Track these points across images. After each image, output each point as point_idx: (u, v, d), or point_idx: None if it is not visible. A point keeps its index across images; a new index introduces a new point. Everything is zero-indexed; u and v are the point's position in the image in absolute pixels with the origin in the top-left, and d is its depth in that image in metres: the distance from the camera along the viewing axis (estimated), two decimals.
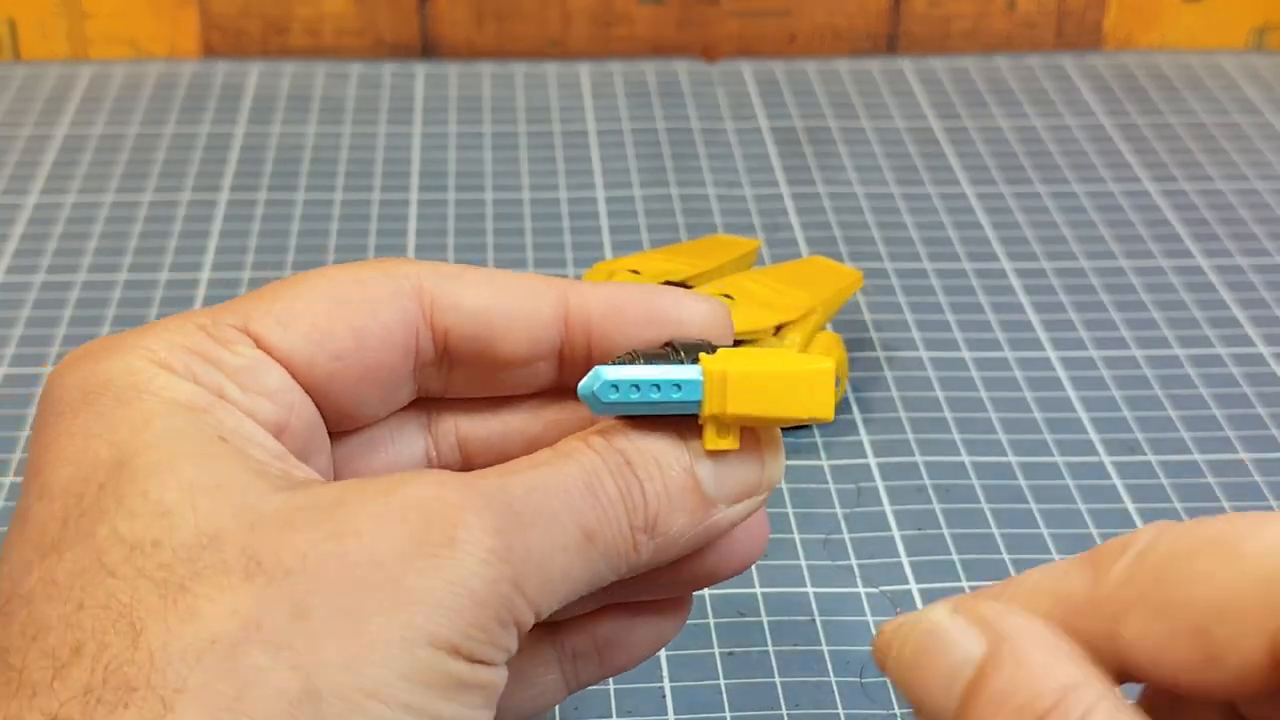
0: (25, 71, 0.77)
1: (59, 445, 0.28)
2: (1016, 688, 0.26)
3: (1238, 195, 0.68)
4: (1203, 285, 0.61)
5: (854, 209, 0.66)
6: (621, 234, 0.64)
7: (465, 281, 0.32)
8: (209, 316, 0.30)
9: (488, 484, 0.28)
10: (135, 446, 0.27)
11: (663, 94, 0.76)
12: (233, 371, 0.29)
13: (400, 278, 0.31)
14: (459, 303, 0.32)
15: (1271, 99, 0.76)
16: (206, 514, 0.26)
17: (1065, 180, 0.69)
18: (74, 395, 0.29)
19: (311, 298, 0.31)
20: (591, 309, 0.32)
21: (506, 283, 0.32)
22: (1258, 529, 0.26)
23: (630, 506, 0.30)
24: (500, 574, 0.27)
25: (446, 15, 0.79)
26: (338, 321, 0.31)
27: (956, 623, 0.27)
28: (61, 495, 0.27)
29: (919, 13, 0.80)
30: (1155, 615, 0.26)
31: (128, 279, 0.60)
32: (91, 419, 0.28)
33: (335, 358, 0.31)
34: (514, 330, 0.32)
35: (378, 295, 0.31)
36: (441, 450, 0.34)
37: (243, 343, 0.30)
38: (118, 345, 0.30)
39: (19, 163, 0.69)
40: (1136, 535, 0.27)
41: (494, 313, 0.32)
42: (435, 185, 0.68)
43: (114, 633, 0.25)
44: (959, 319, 0.58)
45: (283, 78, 0.76)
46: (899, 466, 0.50)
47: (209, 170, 0.68)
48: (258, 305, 0.31)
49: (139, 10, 0.78)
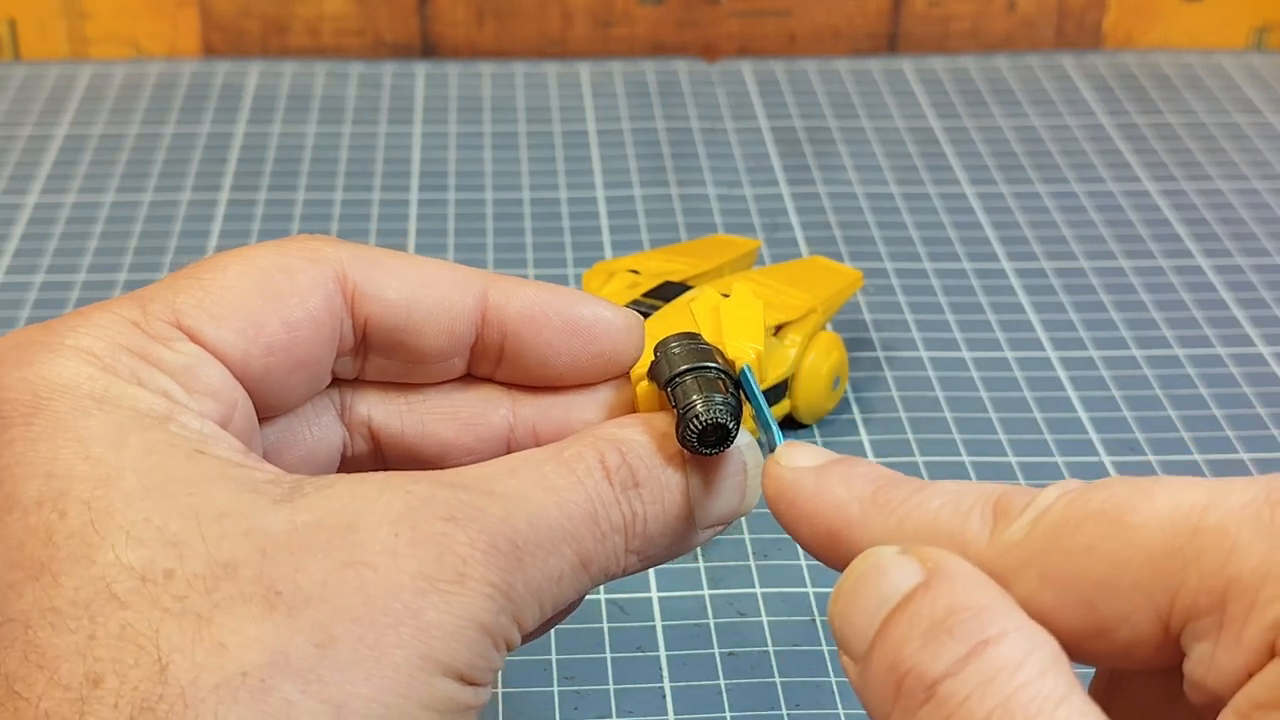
0: (25, 71, 0.77)
1: (18, 451, 0.27)
2: (936, 604, 0.25)
3: (1238, 195, 0.68)
4: (1203, 285, 0.61)
5: (854, 209, 0.66)
6: (621, 234, 0.64)
7: (388, 270, 0.32)
8: (136, 308, 0.29)
9: (493, 516, 0.28)
10: (117, 464, 0.27)
11: (663, 94, 0.76)
12: (174, 371, 0.29)
13: (323, 263, 0.31)
14: (381, 293, 0.31)
15: (1271, 99, 0.76)
16: (216, 542, 0.26)
17: (1065, 180, 0.69)
18: (20, 396, 0.28)
19: (241, 289, 0.30)
20: (510, 311, 0.32)
21: (429, 274, 0.32)
22: (1144, 499, 0.25)
23: (630, 534, 0.30)
24: (501, 607, 0.27)
25: (446, 15, 0.79)
26: (269, 314, 0.30)
27: (901, 558, 0.27)
28: (37, 509, 0.26)
29: (919, 13, 0.80)
30: (1043, 583, 0.26)
31: (127, 279, 0.60)
32: (52, 426, 0.27)
33: (268, 351, 0.30)
34: (433, 324, 0.32)
35: (305, 284, 0.31)
36: (354, 440, 0.34)
37: (178, 339, 0.29)
38: (50, 344, 0.28)
39: (19, 163, 0.69)
40: (1041, 493, 0.27)
41: (415, 306, 0.32)
42: (435, 185, 0.68)
43: (134, 665, 0.25)
44: (959, 319, 0.58)
45: (283, 78, 0.76)
46: (899, 467, 0.50)
47: (209, 170, 0.68)
48: (185, 296, 0.30)
49: (139, 10, 0.78)
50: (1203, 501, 0.25)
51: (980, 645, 0.24)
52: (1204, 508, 0.25)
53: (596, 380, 0.33)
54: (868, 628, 0.26)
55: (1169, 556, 0.25)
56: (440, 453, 0.33)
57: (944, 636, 0.24)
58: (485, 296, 0.32)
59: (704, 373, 0.31)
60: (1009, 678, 0.23)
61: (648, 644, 0.43)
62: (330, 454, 0.33)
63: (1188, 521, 0.25)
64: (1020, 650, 0.24)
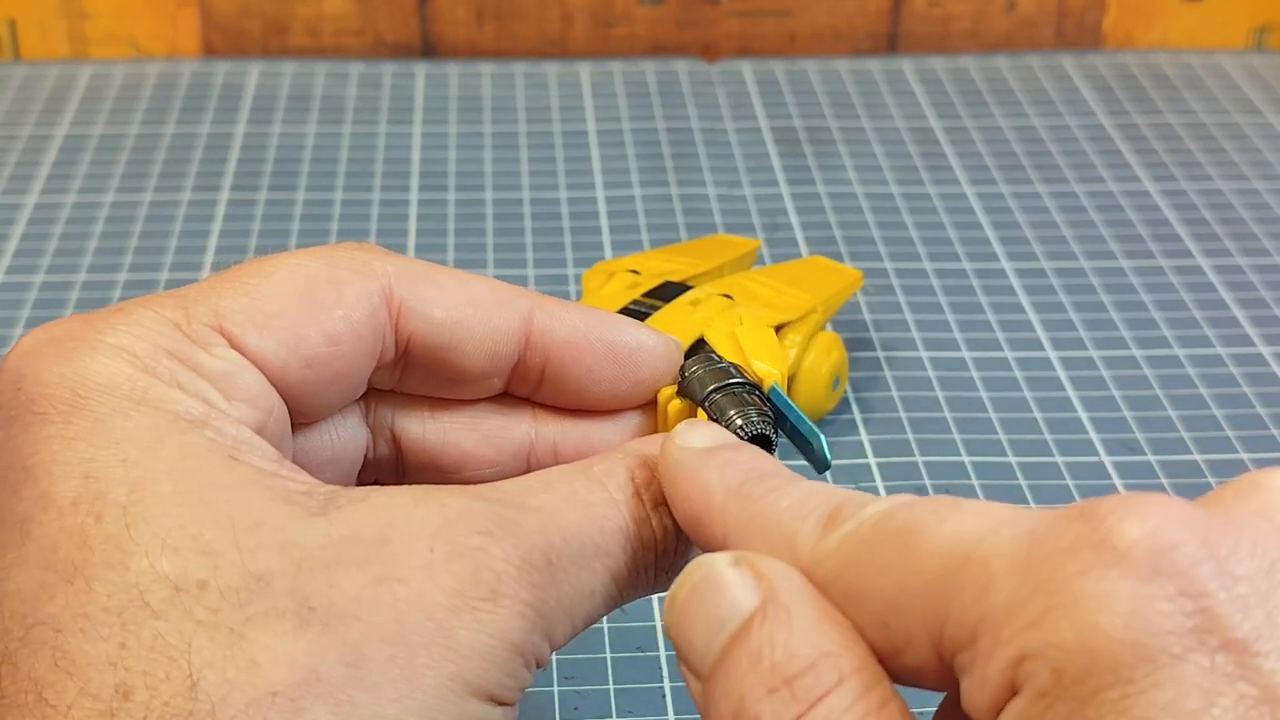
0: (25, 71, 0.77)
1: (54, 449, 0.27)
2: (775, 647, 0.25)
3: (1238, 195, 0.68)
4: (1203, 285, 0.61)
5: (854, 209, 0.66)
6: (621, 234, 0.64)
7: (435, 287, 0.31)
8: (179, 309, 0.29)
9: (529, 529, 0.27)
10: (153, 468, 0.26)
11: (663, 94, 0.76)
12: (214, 377, 0.29)
13: (370, 277, 0.31)
14: (427, 311, 0.31)
15: (1271, 99, 0.76)
16: (251, 553, 0.26)
17: (1065, 180, 0.69)
18: (59, 394, 0.27)
19: (285, 297, 0.30)
20: (554, 336, 0.32)
21: (475, 292, 0.32)
22: (937, 522, 0.25)
23: (660, 551, 0.30)
24: (534, 625, 0.27)
25: (446, 15, 0.79)
26: (312, 326, 0.30)
27: (735, 572, 0.27)
28: (73, 511, 0.26)
29: (919, 13, 0.80)
30: (846, 598, 0.26)
31: (128, 279, 0.60)
32: (90, 426, 0.27)
33: (308, 364, 0.30)
34: (476, 344, 0.32)
35: (351, 298, 0.30)
36: (378, 445, 0.34)
37: (219, 344, 0.29)
38: (90, 341, 0.28)
39: (19, 163, 0.69)
40: (871, 504, 0.26)
41: (459, 326, 0.31)
42: (435, 185, 0.68)
43: (165, 678, 0.24)
44: (959, 319, 0.58)
45: (283, 78, 0.76)
46: (899, 466, 0.50)
47: (209, 170, 0.68)
48: (229, 300, 0.30)
49: (139, 10, 0.78)
50: (979, 531, 0.24)
51: (816, 701, 0.25)
52: (978, 538, 0.24)
53: (632, 406, 0.33)
54: (707, 649, 0.26)
55: (939, 584, 0.24)
56: (459, 462, 0.33)
57: (784, 691, 0.25)
58: (530, 319, 0.32)
59: (735, 388, 0.31)
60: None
61: (648, 644, 0.43)
62: (354, 456, 0.33)
63: (960, 550, 0.24)
64: (848, 699, 0.25)
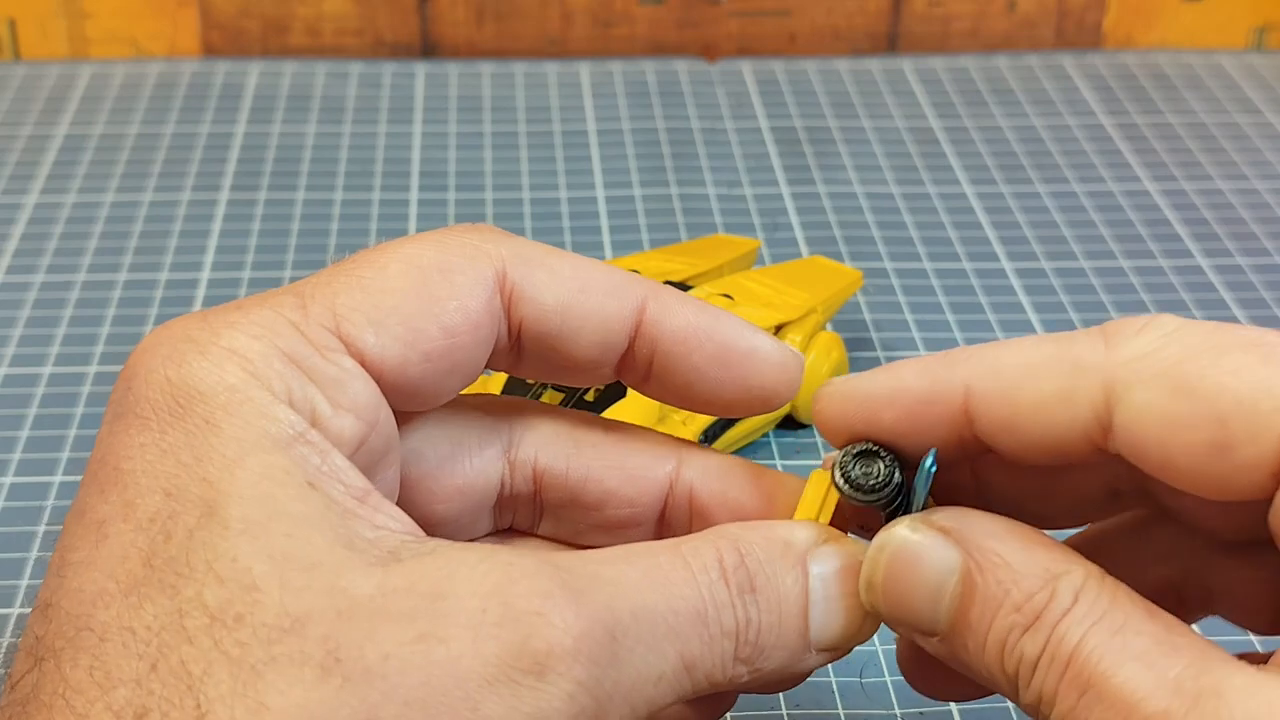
0: (25, 71, 0.77)
1: (147, 459, 0.27)
2: (1006, 588, 0.27)
3: (1238, 195, 0.68)
4: (1203, 285, 0.61)
5: (854, 209, 0.66)
6: (621, 234, 0.64)
7: (548, 272, 0.31)
8: (298, 308, 0.28)
9: (595, 600, 0.26)
10: (228, 492, 0.26)
11: (663, 94, 0.76)
12: (325, 383, 0.28)
13: (484, 261, 0.30)
14: (539, 297, 0.30)
15: (1271, 99, 0.76)
16: (295, 593, 0.25)
17: (1065, 180, 0.69)
18: (162, 400, 0.27)
19: (401, 291, 0.29)
20: (665, 329, 0.31)
21: (587, 278, 0.31)
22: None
23: (741, 641, 0.29)
24: (583, 708, 0.26)
25: (446, 15, 0.79)
26: (429, 320, 0.29)
27: (923, 535, 0.28)
28: (148, 527, 0.26)
29: (919, 13, 0.80)
30: (1175, 394, 0.27)
31: (128, 279, 0.60)
32: (181, 439, 0.27)
33: (425, 358, 0.29)
34: (586, 333, 0.31)
35: (465, 286, 0.30)
36: (515, 479, 0.33)
37: (336, 349, 0.28)
38: (202, 343, 0.28)
39: (19, 163, 0.69)
40: (1149, 320, 0.28)
41: (570, 313, 0.31)
42: (435, 185, 0.68)
43: (177, 705, 0.24)
44: (959, 319, 0.58)
45: (283, 77, 0.76)
46: None
47: (209, 170, 0.68)
48: (345, 298, 0.29)
49: (139, 10, 0.78)
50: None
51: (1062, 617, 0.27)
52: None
53: (746, 414, 0.32)
54: (935, 612, 0.28)
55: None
56: (600, 500, 0.33)
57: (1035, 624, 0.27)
58: (643, 309, 0.31)
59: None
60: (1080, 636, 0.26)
61: None
62: (487, 489, 0.33)
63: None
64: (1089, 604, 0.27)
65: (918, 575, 0.28)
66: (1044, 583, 0.27)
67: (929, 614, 0.28)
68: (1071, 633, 0.26)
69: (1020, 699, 0.28)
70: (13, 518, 0.48)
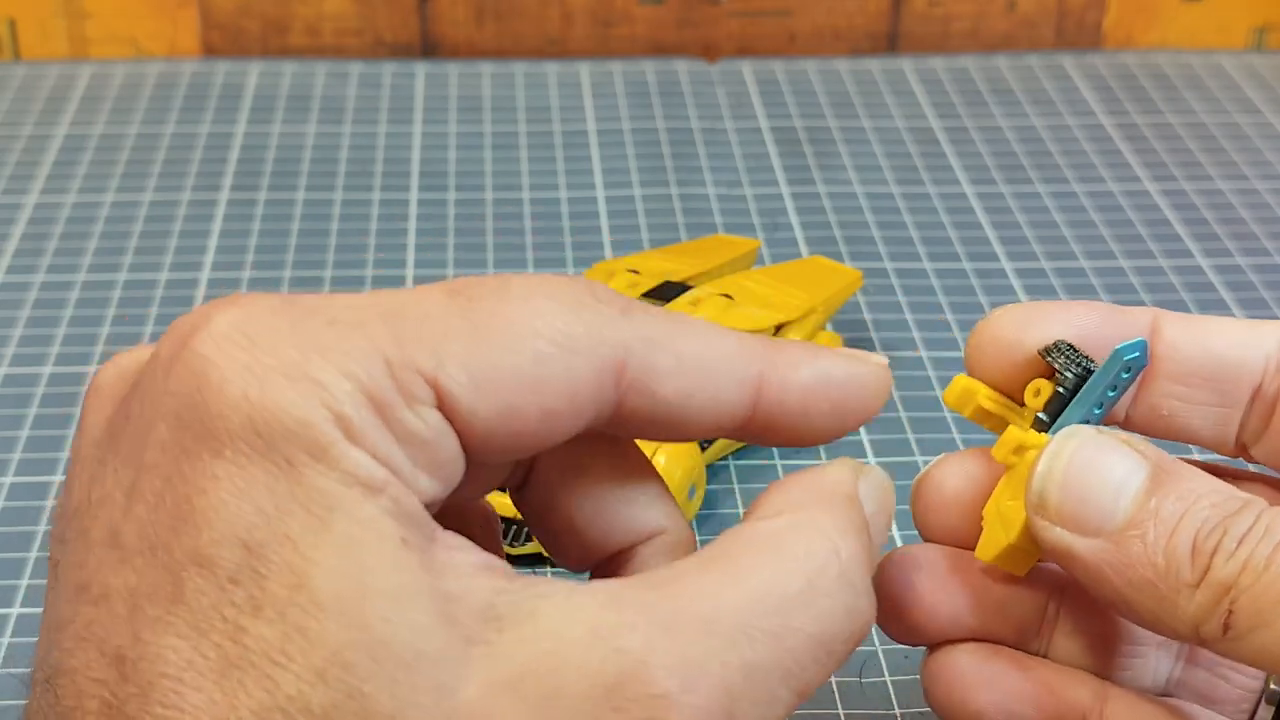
0: (25, 71, 0.77)
1: (222, 497, 0.24)
2: (1203, 490, 0.28)
3: (1238, 195, 0.68)
4: (1203, 285, 0.61)
5: (854, 209, 0.66)
6: (621, 234, 0.64)
7: (671, 358, 0.28)
8: (396, 344, 0.26)
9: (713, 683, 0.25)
10: (315, 560, 0.24)
11: (663, 94, 0.76)
12: (408, 439, 0.25)
13: (607, 346, 0.27)
14: (658, 389, 0.28)
15: (1271, 99, 0.76)
16: (402, 702, 0.23)
17: (1065, 180, 0.69)
18: (239, 422, 0.24)
19: (513, 356, 0.26)
20: (780, 406, 0.29)
21: (709, 359, 0.28)
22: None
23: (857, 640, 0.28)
24: None
25: (446, 15, 0.79)
26: (531, 397, 0.26)
27: (1111, 441, 0.29)
28: (231, 590, 0.24)
29: (919, 12, 0.80)
30: None
31: (128, 279, 0.60)
32: (260, 478, 0.24)
33: (515, 436, 0.27)
34: (697, 419, 0.29)
35: (581, 372, 0.27)
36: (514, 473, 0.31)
37: (425, 399, 0.26)
38: (290, 372, 0.25)
39: (19, 163, 0.69)
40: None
41: (687, 403, 0.28)
42: (435, 185, 0.68)
43: None
44: (959, 319, 0.58)
45: (283, 77, 0.76)
46: (899, 467, 0.50)
47: (209, 170, 0.68)
48: (451, 346, 0.26)
49: (139, 10, 0.78)
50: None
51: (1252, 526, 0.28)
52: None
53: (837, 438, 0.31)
54: (1114, 506, 0.29)
55: None
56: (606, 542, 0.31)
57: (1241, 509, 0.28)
58: (761, 385, 0.29)
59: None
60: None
61: None
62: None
63: None
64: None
65: (1102, 468, 0.29)
66: (1230, 495, 0.28)
67: (1107, 507, 0.29)
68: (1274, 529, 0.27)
69: (1194, 598, 0.28)
70: (13, 518, 0.48)
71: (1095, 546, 0.29)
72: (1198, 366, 0.31)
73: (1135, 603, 0.28)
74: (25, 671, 0.43)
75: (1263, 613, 0.27)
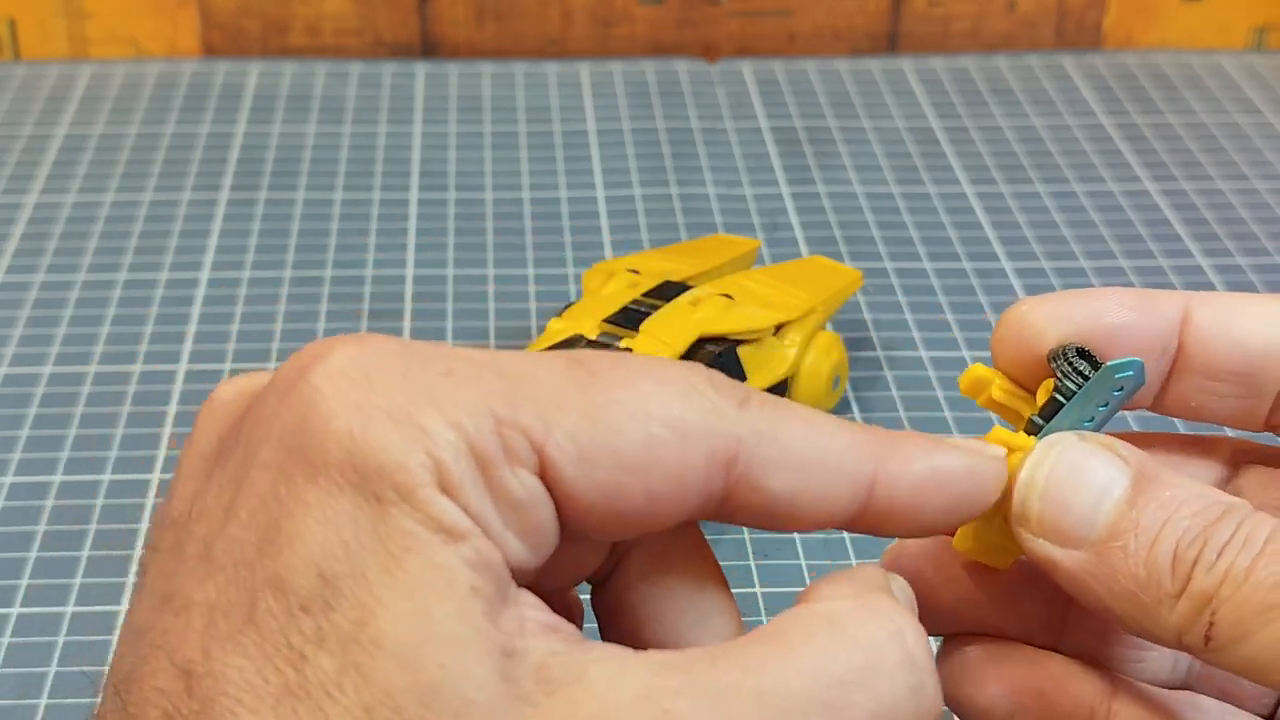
0: (25, 71, 0.77)
1: (310, 525, 0.24)
2: (1184, 498, 0.28)
3: (1238, 195, 0.68)
4: (1203, 285, 0.61)
5: (854, 209, 0.66)
6: (621, 234, 0.64)
7: (781, 449, 0.27)
8: (507, 403, 0.25)
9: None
10: (383, 599, 0.24)
11: (663, 94, 0.76)
12: (506, 501, 0.25)
13: (720, 438, 0.27)
14: (764, 483, 0.27)
15: (1271, 99, 0.76)
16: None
17: (1065, 180, 0.69)
18: (337, 453, 0.25)
19: (624, 435, 0.26)
20: (891, 506, 0.28)
21: (821, 453, 0.28)
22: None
23: None
24: None
25: (446, 15, 0.79)
26: (637, 480, 0.26)
27: (1092, 445, 0.29)
28: (300, 617, 0.24)
29: (919, 12, 0.80)
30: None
31: (128, 279, 0.60)
32: (347, 509, 0.24)
33: (613, 516, 0.26)
34: (807, 513, 0.28)
35: (693, 460, 0.26)
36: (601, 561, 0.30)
37: (529, 464, 0.25)
38: (406, 409, 0.25)
39: (19, 163, 0.69)
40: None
41: (795, 502, 0.28)
42: (435, 185, 0.68)
43: None
44: (959, 319, 0.58)
45: (283, 77, 0.76)
46: None
47: (209, 170, 0.68)
48: (563, 418, 0.26)
49: (139, 10, 0.78)
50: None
51: (1233, 537, 0.28)
52: None
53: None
54: (1094, 514, 0.29)
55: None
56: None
57: (1212, 527, 0.28)
58: (873, 486, 0.28)
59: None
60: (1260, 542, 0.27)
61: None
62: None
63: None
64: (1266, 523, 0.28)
65: (1084, 477, 0.29)
66: (1223, 504, 0.28)
67: (1088, 518, 0.29)
68: (1253, 538, 0.27)
69: (1175, 608, 0.28)
70: (13, 518, 0.48)
71: (1077, 558, 0.29)
72: (1226, 361, 0.31)
73: (1120, 612, 0.28)
74: (25, 671, 0.43)
75: (1243, 623, 0.27)
